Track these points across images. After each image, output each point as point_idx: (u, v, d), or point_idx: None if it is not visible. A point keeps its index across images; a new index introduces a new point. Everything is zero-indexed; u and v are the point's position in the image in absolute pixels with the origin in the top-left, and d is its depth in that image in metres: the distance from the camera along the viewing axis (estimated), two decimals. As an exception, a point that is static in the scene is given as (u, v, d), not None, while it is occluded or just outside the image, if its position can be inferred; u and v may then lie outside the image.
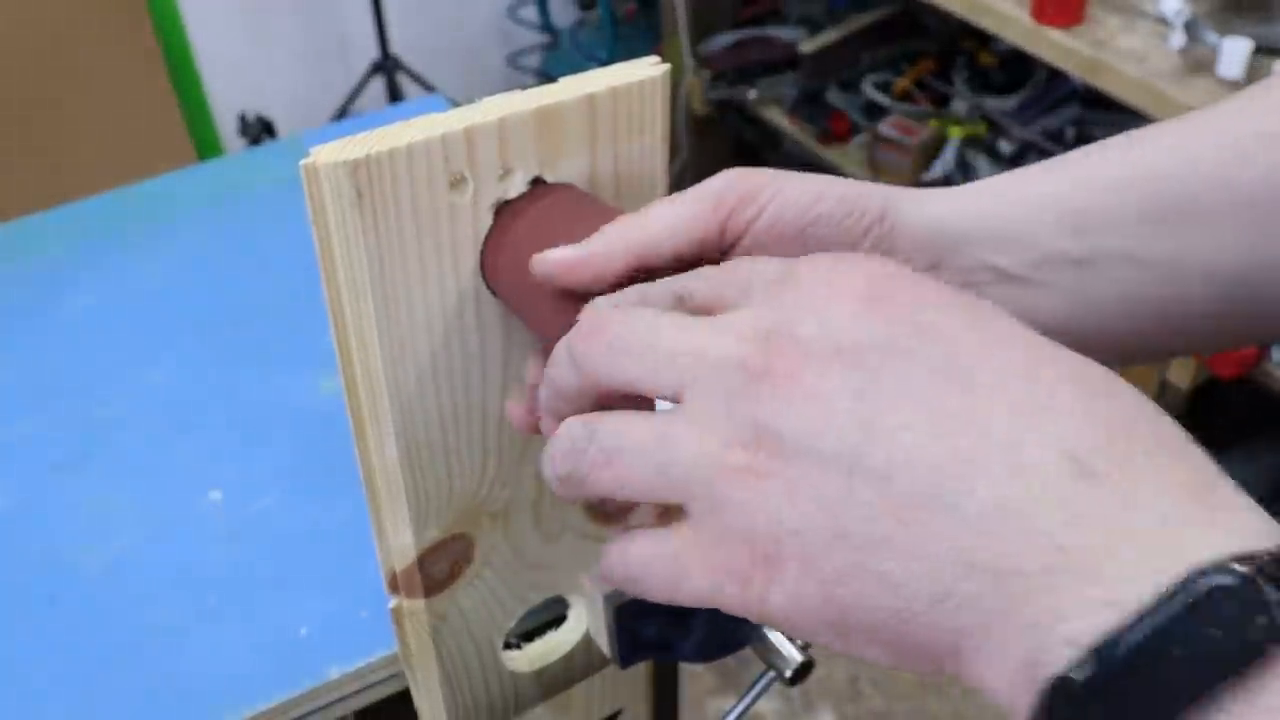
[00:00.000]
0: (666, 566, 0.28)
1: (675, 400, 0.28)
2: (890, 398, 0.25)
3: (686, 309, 0.30)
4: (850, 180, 0.37)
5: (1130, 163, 0.36)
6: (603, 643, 0.52)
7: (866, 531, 0.24)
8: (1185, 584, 0.22)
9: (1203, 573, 0.22)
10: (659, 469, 0.27)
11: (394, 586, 0.48)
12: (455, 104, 0.79)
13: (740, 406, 0.26)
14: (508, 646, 0.54)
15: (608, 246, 0.34)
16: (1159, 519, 0.23)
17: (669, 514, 0.29)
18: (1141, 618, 0.22)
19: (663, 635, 0.52)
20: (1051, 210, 0.36)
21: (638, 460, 0.28)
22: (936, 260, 0.36)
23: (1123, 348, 0.37)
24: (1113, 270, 0.35)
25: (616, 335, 0.29)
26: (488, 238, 0.40)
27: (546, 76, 2.60)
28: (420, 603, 0.49)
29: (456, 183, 0.38)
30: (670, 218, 0.34)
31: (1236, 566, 0.21)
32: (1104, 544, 0.23)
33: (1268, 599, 0.21)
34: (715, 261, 0.33)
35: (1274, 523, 0.24)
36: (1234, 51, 1.27)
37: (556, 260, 0.34)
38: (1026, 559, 0.23)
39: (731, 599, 0.27)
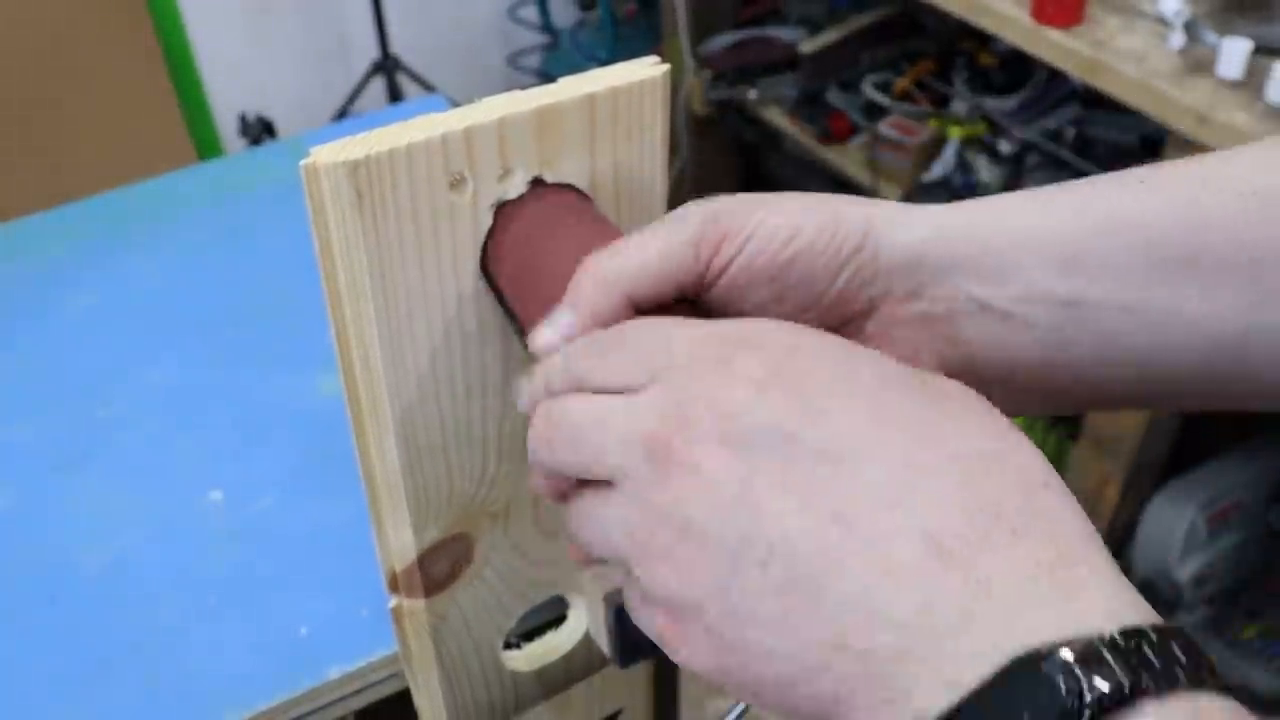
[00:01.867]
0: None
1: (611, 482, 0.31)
2: (772, 484, 0.27)
3: (600, 389, 0.32)
4: (831, 202, 0.36)
5: (1129, 205, 0.34)
6: (603, 643, 0.52)
7: (750, 609, 0.27)
8: (1012, 668, 0.23)
9: (1032, 657, 0.23)
10: (601, 544, 0.31)
11: (394, 586, 0.48)
12: (455, 104, 0.79)
13: (652, 492, 0.29)
14: (508, 646, 0.54)
15: (594, 306, 0.35)
16: (1009, 600, 0.24)
17: None
18: (969, 699, 0.23)
19: (662, 635, 0.52)
20: (1042, 246, 0.34)
21: (587, 534, 0.32)
22: (916, 288, 0.35)
23: (1098, 395, 0.36)
24: (1098, 315, 0.34)
25: (551, 433, 0.32)
26: (488, 238, 0.40)
27: (546, 76, 2.60)
28: (420, 602, 0.49)
29: (456, 183, 0.38)
30: (650, 264, 0.34)
31: (1063, 652, 0.23)
32: (953, 625, 0.24)
33: (1084, 687, 0.22)
34: (696, 299, 0.35)
35: (1134, 598, 0.25)
36: (1233, 52, 1.27)
37: (551, 339, 0.35)
38: (882, 641, 0.25)
39: (661, 645, 0.31)
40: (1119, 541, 1.68)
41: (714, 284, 0.35)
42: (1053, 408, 0.37)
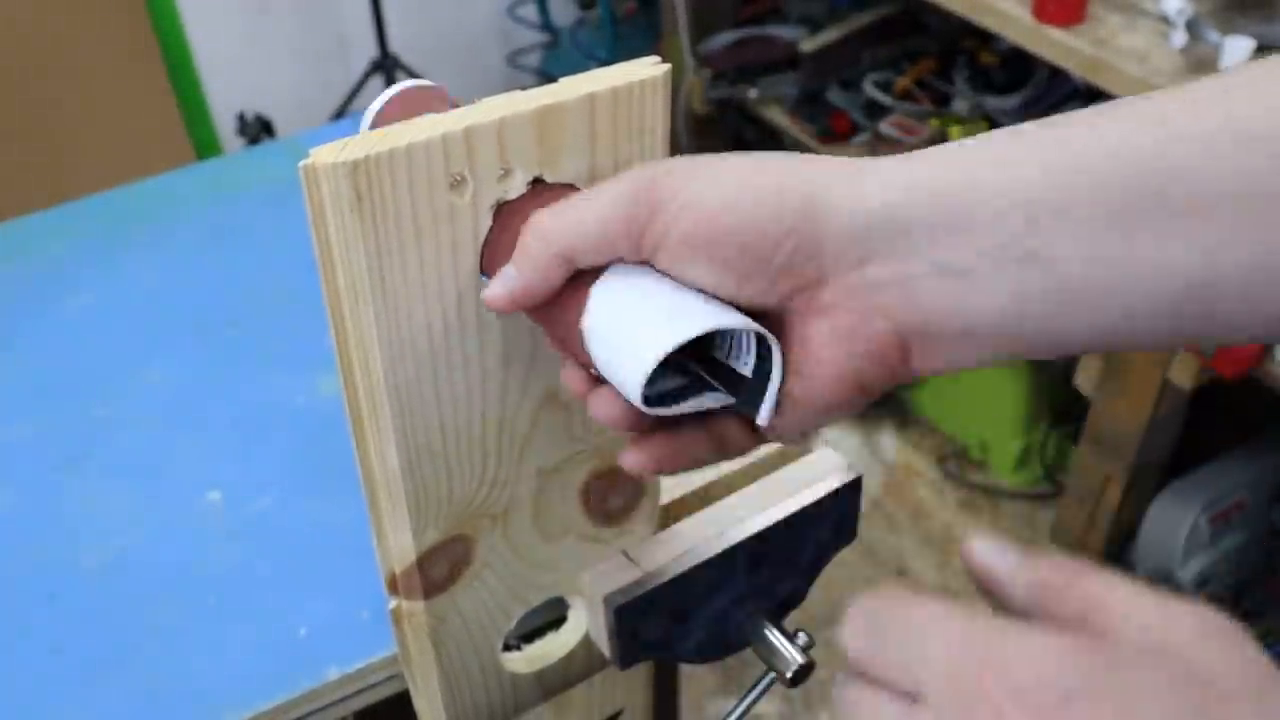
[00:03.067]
0: None
1: None
2: None
3: (876, 681, 0.31)
4: (773, 169, 0.35)
5: (1087, 151, 0.33)
6: (602, 644, 0.52)
7: None
8: None
9: None
10: None
11: (393, 588, 0.48)
12: (455, 104, 0.78)
13: None
14: (508, 648, 0.54)
15: (539, 268, 0.36)
16: None
17: None
18: None
19: (663, 635, 0.52)
20: (997, 203, 0.33)
21: None
22: (867, 254, 0.35)
23: (1061, 342, 0.35)
24: (1058, 266, 0.33)
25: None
26: (488, 238, 0.40)
27: (546, 76, 2.60)
28: (420, 604, 0.48)
29: (456, 183, 0.38)
30: (588, 229, 0.36)
31: None
32: None
33: None
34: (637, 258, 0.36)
35: None
36: (1236, 50, 1.27)
37: (499, 297, 0.37)
38: None
39: None
40: (1121, 542, 1.68)
41: (656, 253, 0.35)
42: (1014, 356, 0.36)
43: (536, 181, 0.40)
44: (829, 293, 0.35)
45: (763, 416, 0.36)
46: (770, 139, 2.14)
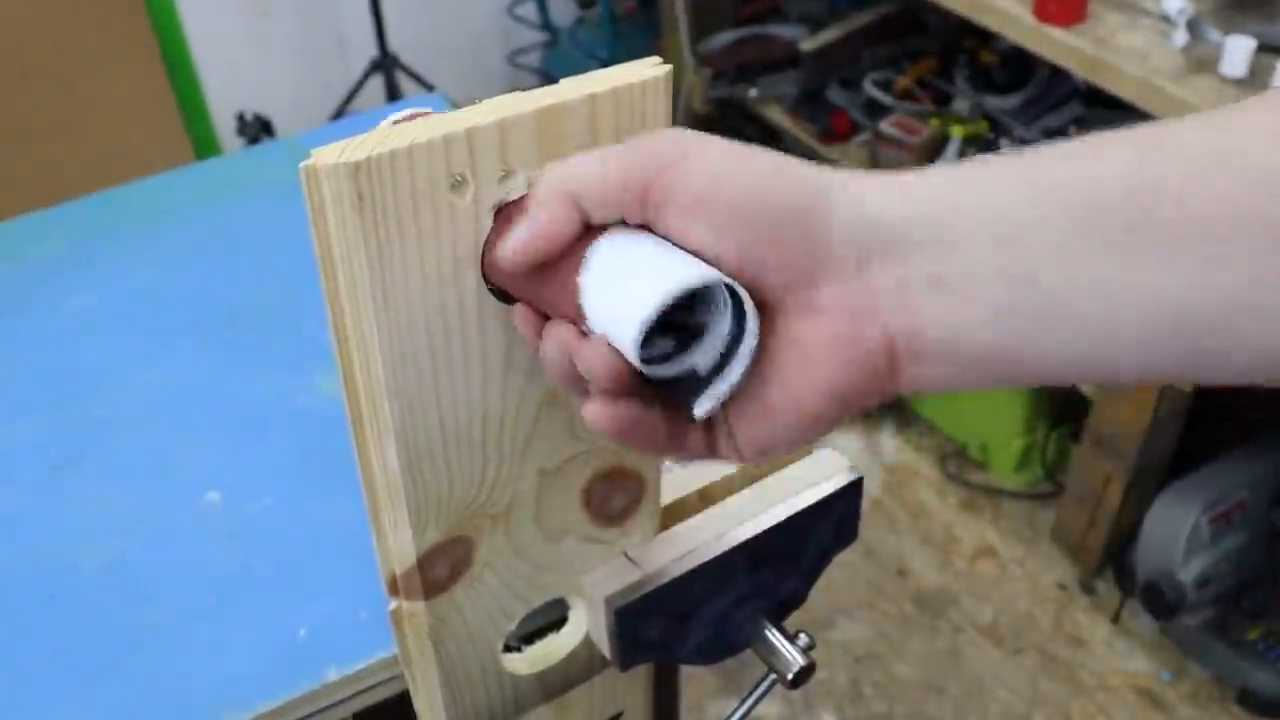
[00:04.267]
0: None
1: None
2: None
3: None
4: (783, 156, 0.36)
5: (1073, 174, 0.34)
6: (603, 645, 0.52)
7: None
8: None
9: None
10: None
11: (394, 588, 0.48)
12: (454, 103, 0.78)
13: None
14: (508, 649, 0.54)
15: (552, 212, 0.36)
16: None
17: None
18: None
19: (663, 637, 0.51)
20: (989, 220, 0.34)
21: None
22: (867, 257, 0.35)
23: (1048, 368, 0.35)
24: (1040, 285, 0.33)
25: None
26: (488, 240, 0.39)
27: (546, 75, 2.60)
28: (420, 605, 0.48)
29: (457, 184, 0.38)
30: (596, 174, 0.36)
31: None
32: None
33: None
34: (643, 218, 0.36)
35: None
36: (1237, 50, 1.27)
37: (517, 245, 0.36)
38: None
39: None
40: (1121, 543, 1.68)
41: (660, 209, 0.36)
42: (1001, 380, 0.36)
43: (537, 182, 0.39)
44: (826, 294, 0.35)
45: (700, 408, 0.36)
46: (771, 139, 2.14)
